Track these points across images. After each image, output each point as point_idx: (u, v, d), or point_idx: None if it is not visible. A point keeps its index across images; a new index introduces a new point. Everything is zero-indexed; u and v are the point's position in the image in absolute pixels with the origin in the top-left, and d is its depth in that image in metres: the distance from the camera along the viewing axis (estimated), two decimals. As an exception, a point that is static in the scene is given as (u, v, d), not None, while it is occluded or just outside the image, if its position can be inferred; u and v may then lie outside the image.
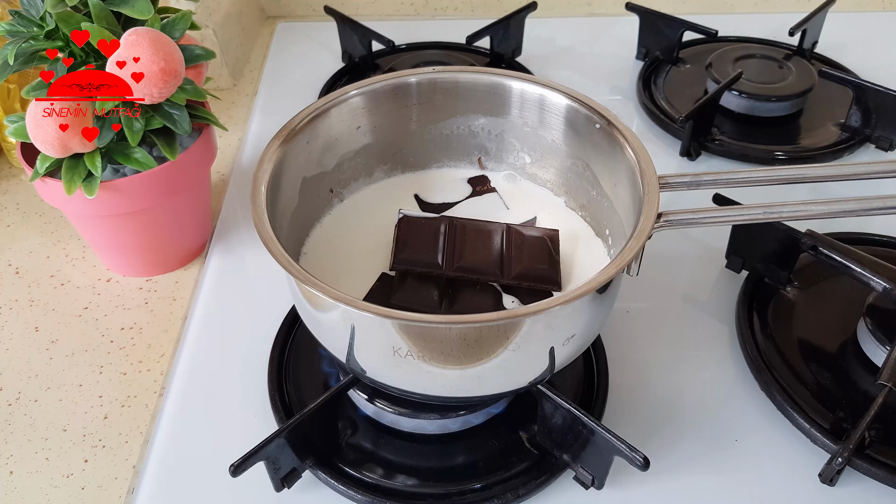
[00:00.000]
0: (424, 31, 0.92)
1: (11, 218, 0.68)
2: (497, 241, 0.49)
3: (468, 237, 0.49)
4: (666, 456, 0.48)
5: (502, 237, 0.49)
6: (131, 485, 0.48)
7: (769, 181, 0.48)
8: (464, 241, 0.49)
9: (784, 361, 0.53)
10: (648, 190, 0.44)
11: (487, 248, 0.49)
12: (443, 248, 0.48)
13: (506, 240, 0.49)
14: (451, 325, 0.39)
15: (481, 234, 0.50)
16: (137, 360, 0.55)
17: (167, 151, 0.52)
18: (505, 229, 0.50)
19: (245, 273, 0.62)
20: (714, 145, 0.74)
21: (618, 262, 0.40)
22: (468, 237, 0.49)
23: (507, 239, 0.49)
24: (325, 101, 0.51)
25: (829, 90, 0.78)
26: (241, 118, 0.81)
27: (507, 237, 0.49)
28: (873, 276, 0.52)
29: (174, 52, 0.49)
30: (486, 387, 0.44)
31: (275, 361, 0.53)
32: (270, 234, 0.41)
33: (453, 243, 0.49)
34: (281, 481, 0.45)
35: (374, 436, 0.49)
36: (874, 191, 0.67)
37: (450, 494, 0.46)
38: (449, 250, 0.48)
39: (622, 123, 0.48)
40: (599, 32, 0.94)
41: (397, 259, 0.48)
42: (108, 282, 0.62)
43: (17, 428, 0.51)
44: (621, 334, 0.56)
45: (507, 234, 0.50)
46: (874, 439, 0.48)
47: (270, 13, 1.00)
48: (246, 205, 0.43)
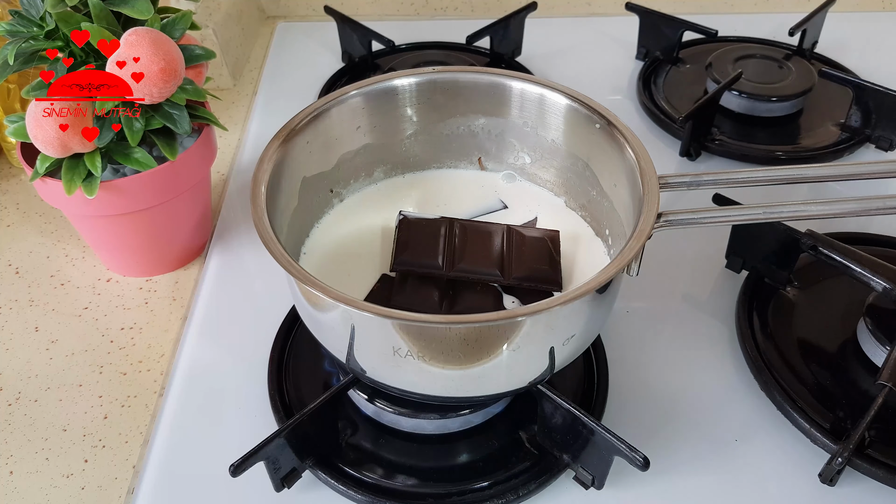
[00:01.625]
0: (424, 31, 0.92)
1: (11, 218, 0.68)
2: (497, 242, 0.49)
3: (468, 238, 0.49)
4: (666, 456, 0.48)
5: (503, 238, 0.49)
6: (131, 485, 0.48)
7: (769, 181, 0.48)
8: (464, 242, 0.49)
9: (784, 361, 0.53)
10: (648, 190, 0.44)
11: (488, 250, 0.49)
12: (443, 250, 0.48)
13: (506, 241, 0.49)
14: (451, 325, 0.39)
15: (481, 236, 0.50)
16: (137, 360, 0.55)
17: (167, 151, 0.52)
18: (505, 230, 0.50)
19: (245, 273, 0.62)
20: (714, 145, 0.74)
21: (618, 262, 0.40)
22: (468, 238, 0.49)
23: (507, 240, 0.49)
24: (325, 101, 0.51)
25: (829, 90, 0.78)
26: (240, 118, 0.81)
27: (508, 238, 0.49)
28: (873, 276, 0.52)
29: (174, 51, 0.49)
30: (486, 387, 0.44)
31: (275, 361, 0.53)
32: (270, 234, 0.41)
33: (453, 245, 0.49)
34: (281, 481, 0.45)
35: (374, 436, 0.49)
36: (874, 191, 0.67)
37: (450, 494, 0.46)
38: (449, 251, 0.48)
39: (622, 123, 0.48)
40: (599, 32, 0.94)
41: (397, 260, 0.48)
42: (107, 282, 0.62)
43: (16, 428, 0.51)
44: (621, 334, 0.56)
45: (508, 235, 0.50)
46: (874, 439, 0.48)
47: (270, 13, 1.00)
48: (246, 205, 0.43)
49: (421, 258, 0.48)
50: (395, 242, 0.49)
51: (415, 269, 0.48)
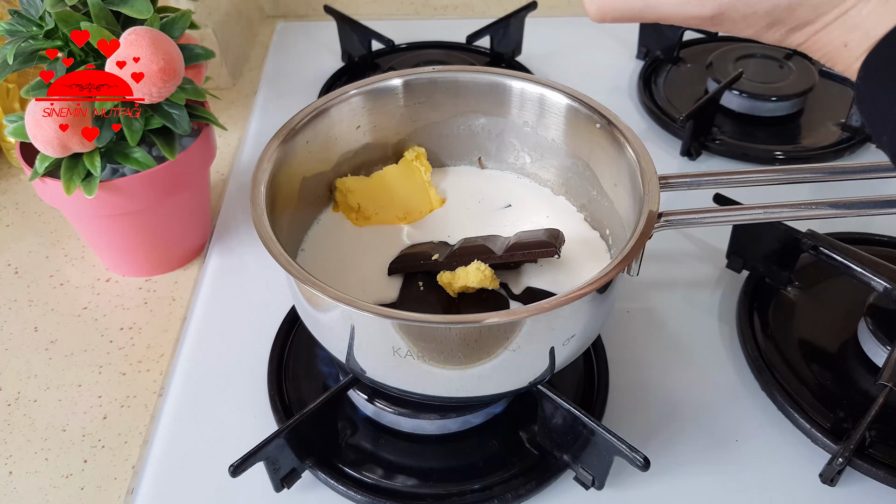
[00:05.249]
0: (424, 31, 0.92)
1: (10, 218, 0.68)
2: (496, 243, 0.49)
3: (465, 245, 0.50)
4: (666, 456, 0.48)
5: (501, 241, 0.49)
6: (131, 485, 0.48)
7: (769, 181, 0.48)
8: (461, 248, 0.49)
9: (785, 361, 0.53)
10: (649, 190, 0.43)
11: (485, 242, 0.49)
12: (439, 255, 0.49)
13: (505, 241, 0.49)
14: (451, 325, 0.39)
15: (478, 244, 0.50)
16: (137, 360, 0.55)
17: (166, 151, 0.52)
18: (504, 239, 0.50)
19: (245, 273, 0.62)
20: (714, 145, 0.74)
21: (618, 262, 0.40)
22: (465, 245, 0.50)
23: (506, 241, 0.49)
24: (325, 101, 0.51)
25: (830, 90, 0.78)
26: (240, 118, 0.81)
27: (506, 241, 0.49)
28: (874, 275, 0.52)
29: (174, 51, 0.49)
30: (486, 387, 0.44)
31: (275, 361, 0.53)
32: (270, 233, 0.41)
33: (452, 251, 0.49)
34: (281, 481, 0.45)
35: (373, 436, 0.49)
36: (874, 191, 0.67)
37: (450, 495, 0.46)
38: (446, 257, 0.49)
39: (622, 123, 0.48)
40: (600, 32, 0.94)
41: (393, 263, 0.49)
42: (107, 282, 0.62)
43: (16, 428, 0.51)
44: (621, 334, 0.56)
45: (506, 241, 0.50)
46: (875, 439, 0.48)
47: (270, 13, 1.00)
48: (245, 204, 0.43)
49: (416, 259, 0.49)
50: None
51: (410, 268, 0.48)
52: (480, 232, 0.52)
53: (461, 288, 0.47)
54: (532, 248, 0.47)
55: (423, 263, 0.48)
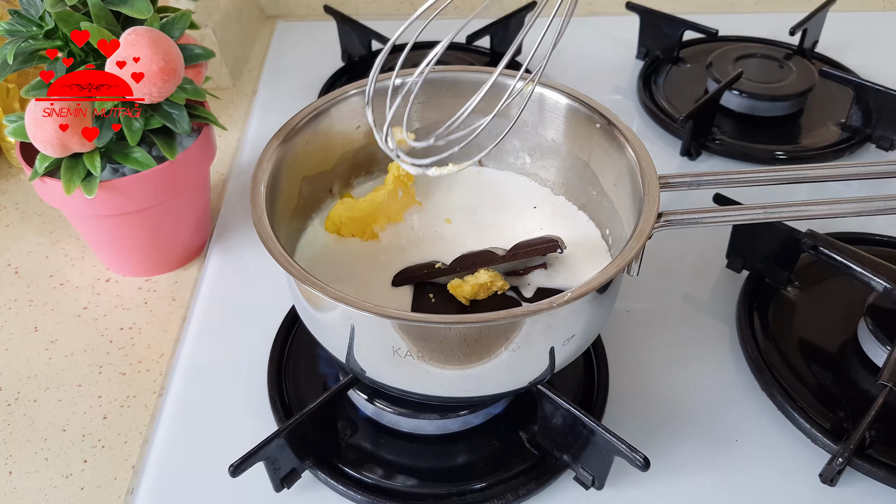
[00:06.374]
0: (424, 31, 0.92)
1: (10, 218, 0.68)
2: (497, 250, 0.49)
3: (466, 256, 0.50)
4: (666, 456, 0.48)
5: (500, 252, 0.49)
6: (130, 485, 0.48)
7: (769, 181, 0.48)
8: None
9: (784, 361, 0.53)
10: (649, 190, 0.44)
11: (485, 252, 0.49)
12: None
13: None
14: (452, 325, 0.39)
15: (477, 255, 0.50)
16: (137, 360, 0.55)
17: (166, 151, 0.52)
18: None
19: (245, 273, 0.62)
20: (714, 145, 0.74)
21: (618, 262, 0.40)
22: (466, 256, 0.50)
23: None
24: (325, 101, 0.51)
25: (830, 90, 0.78)
26: (240, 118, 0.81)
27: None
28: (874, 275, 0.52)
29: (174, 51, 0.49)
30: (486, 387, 0.44)
31: (274, 361, 0.53)
32: (270, 233, 0.41)
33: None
34: (280, 481, 0.45)
35: (373, 436, 0.49)
36: (875, 191, 0.67)
37: (450, 495, 0.46)
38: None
39: (622, 123, 0.48)
40: (600, 32, 0.94)
41: (397, 275, 0.49)
42: (107, 282, 0.62)
43: (16, 428, 0.51)
44: (621, 334, 0.56)
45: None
46: (875, 439, 0.48)
47: (270, 12, 1.00)
48: (245, 204, 0.43)
49: (421, 268, 0.49)
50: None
51: (414, 277, 0.48)
52: (480, 233, 0.52)
53: (473, 292, 0.47)
54: (534, 245, 0.47)
55: (427, 272, 0.48)
